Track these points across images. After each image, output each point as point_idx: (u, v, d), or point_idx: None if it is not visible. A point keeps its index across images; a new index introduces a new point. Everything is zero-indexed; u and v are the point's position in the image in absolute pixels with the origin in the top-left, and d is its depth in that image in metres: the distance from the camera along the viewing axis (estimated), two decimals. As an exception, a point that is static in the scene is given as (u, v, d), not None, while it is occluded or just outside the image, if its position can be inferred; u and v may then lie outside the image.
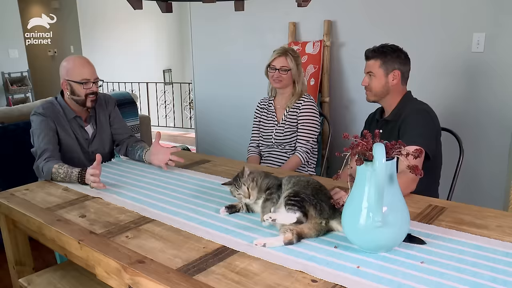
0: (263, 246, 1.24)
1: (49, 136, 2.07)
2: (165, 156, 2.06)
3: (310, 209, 1.31)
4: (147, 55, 9.08)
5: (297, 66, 2.49)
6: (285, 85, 2.51)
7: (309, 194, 1.34)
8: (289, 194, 1.35)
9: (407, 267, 1.11)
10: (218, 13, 3.97)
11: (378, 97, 2.04)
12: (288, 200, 1.32)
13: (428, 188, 1.91)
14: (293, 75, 2.48)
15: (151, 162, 2.14)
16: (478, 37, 2.65)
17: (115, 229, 1.42)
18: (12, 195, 1.81)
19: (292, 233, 1.26)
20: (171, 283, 1.08)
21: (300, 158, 2.45)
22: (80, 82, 2.10)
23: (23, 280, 1.73)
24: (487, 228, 1.34)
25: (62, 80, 2.14)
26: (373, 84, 2.00)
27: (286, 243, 1.24)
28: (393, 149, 1.17)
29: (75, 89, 2.12)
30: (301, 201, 1.31)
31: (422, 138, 1.82)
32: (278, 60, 2.47)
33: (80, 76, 2.10)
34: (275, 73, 2.48)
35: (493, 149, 2.72)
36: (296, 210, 1.29)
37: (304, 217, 1.30)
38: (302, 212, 1.30)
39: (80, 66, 2.13)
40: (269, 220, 1.30)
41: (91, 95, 2.14)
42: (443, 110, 2.63)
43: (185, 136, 7.43)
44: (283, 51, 2.49)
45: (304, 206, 1.31)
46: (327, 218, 1.32)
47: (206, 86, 4.31)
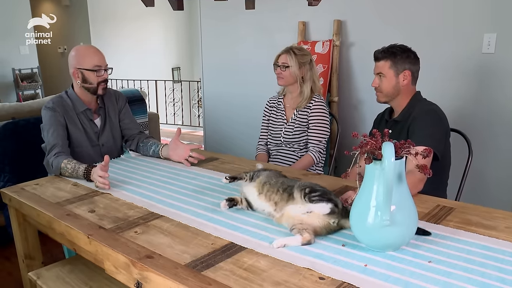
0: (283, 247, 1.23)
1: (59, 131, 2.08)
2: (185, 152, 2.08)
3: (338, 201, 1.32)
4: (156, 53, 9.10)
5: (301, 64, 2.46)
6: (287, 82, 2.51)
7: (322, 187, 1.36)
8: (303, 189, 1.35)
9: (415, 266, 1.11)
10: (227, 12, 3.98)
11: (389, 98, 2.03)
12: (312, 197, 1.32)
13: (436, 188, 1.91)
14: (293, 73, 2.47)
15: (170, 157, 2.15)
16: (489, 38, 2.63)
17: (124, 225, 1.43)
18: (22, 189, 1.83)
19: (310, 233, 1.25)
20: (179, 279, 1.08)
21: (313, 157, 2.45)
22: (92, 70, 2.11)
23: (32, 274, 1.75)
24: (495, 229, 1.33)
25: (72, 69, 2.14)
26: (384, 85, 1.99)
27: (304, 244, 1.24)
28: (402, 148, 1.17)
29: (87, 77, 2.13)
30: (324, 194, 1.32)
31: (430, 138, 1.82)
32: (281, 57, 2.50)
33: (92, 63, 2.11)
34: (277, 69, 2.51)
35: (502, 152, 2.70)
36: (327, 202, 1.30)
37: (335, 207, 1.30)
38: (333, 203, 1.30)
39: (91, 53, 2.14)
40: (308, 213, 1.30)
41: (102, 82, 2.16)
42: (452, 111, 2.62)
43: (193, 134, 7.45)
44: (287, 49, 2.50)
45: (331, 198, 1.31)
46: (341, 215, 1.32)
47: (214, 85, 4.31)
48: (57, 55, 8.60)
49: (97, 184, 1.79)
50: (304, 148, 2.53)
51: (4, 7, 6.81)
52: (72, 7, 8.17)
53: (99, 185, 1.79)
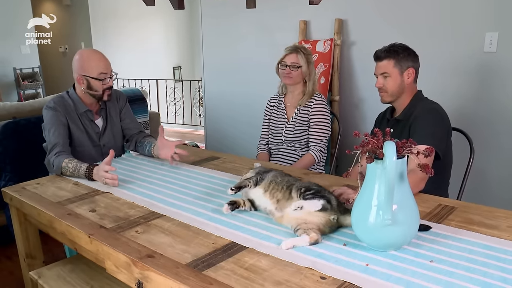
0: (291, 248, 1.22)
1: (60, 130, 2.07)
2: (171, 149, 2.08)
3: (331, 198, 1.33)
4: (157, 52, 9.09)
5: (308, 64, 2.48)
6: (295, 82, 2.51)
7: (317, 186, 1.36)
8: (299, 189, 1.35)
9: (417, 265, 1.11)
10: (228, 11, 3.97)
11: (394, 97, 2.00)
12: (306, 194, 1.33)
13: (438, 187, 1.90)
14: (304, 72, 2.48)
15: (159, 156, 2.15)
16: (490, 37, 2.62)
17: (125, 224, 1.43)
18: (23, 188, 1.83)
19: (316, 233, 1.25)
20: (180, 278, 1.08)
21: (314, 156, 2.45)
22: (98, 79, 2.10)
23: (33, 273, 1.75)
24: (497, 229, 1.33)
25: (77, 75, 2.12)
26: (389, 84, 1.97)
27: (312, 243, 1.23)
28: (403, 148, 1.17)
29: (93, 85, 2.11)
30: (318, 192, 1.34)
31: (432, 137, 1.81)
32: (289, 57, 2.48)
33: (97, 71, 2.09)
34: (285, 69, 2.48)
35: (504, 151, 2.70)
36: (319, 198, 1.31)
37: (328, 204, 1.31)
38: (326, 200, 1.31)
39: (96, 60, 2.11)
40: (299, 209, 1.31)
41: (108, 89, 2.15)
42: (454, 110, 2.61)
43: (194, 133, 7.45)
44: (294, 48, 2.49)
45: (324, 196, 1.33)
46: (339, 211, 1.32)
47: (215, 84, 4.31)
48: (58, 55, 8.60)
49: (106, 181, 1.78)
50: (305, 147, 2.53)
51: (5, 6, 6.81)
52: (73, 6, 8.16)
53: (107, 181, 1.78)
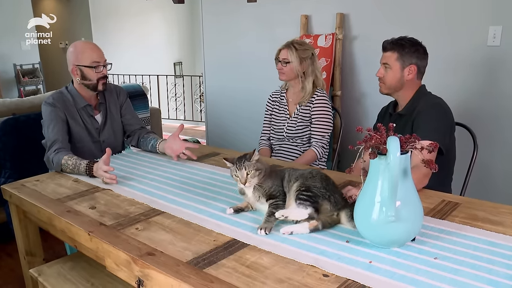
0: (290, 234, 1.25)
1: (59, 127, 2.06)
2: (180, 147, 2.06)
3: (324, 203, 1.30)
4: (158, 48, 9.09)
5: (301, 60, 2.43)
6: (288, 77, 2.49)
7: (320, 187, 1.33)
8: (300, 188, 1.33)
9: (420, 262, 1.09)
10: (229, 5, 3.95)
11: (391, 90, 2.00)
12: (300, 195, 1.31)
13: (441, 183, 1.88)
14: (295, 68, 2.45)
15: (165, 150, 2.12)
16: (494, 30, 2.60)
17: (125, 221, 1.41)
18: (23, 185, 1.81)
19: (317, 219, 1.25)
20: (181, 276, 1.07)
21: (316, 152, 2.43)
22: (90, 66, 2.09)
23: (33, 271, 1.74)
24: (502, 225, 1.31)
25: (71, 66, 2.12)
26: (388, 76, 1.96)
27: (312, 230, 1.23)
28: (407, 143, 1.15)
29: (86, 74, 2.11)
30: (313, 197, 1.30)
31: (436, 132, 1.79)
32: (281, 52, 2.48)
33: (90, 59, 2.09)
34: (278, 65, 2.49)
35: (509, 145, 2.67)
36: (308, 206, 1.28)
37: (315, 213, 1.29)
38: (314, 208, 1.29)
39: (89, 49, 2.11)
40: (282, 218, 1.29)
41: (102, 78, 2.14)
42: (457, 104, 2.58)
43: (195, 129, 7.44)
44: (287, 44, 2.47)
45: (316, 202, 1.30)
46: (340, 208, 1.31)
47: (216, 79, 4.29)
48: (58, 51, 8.59)
49: (105, 180, 1.78)
50: (307, 143, 2.51)
51: (6, 2, 6.80)
52: (74, 2, 8.15)
53: (106, 180, 1.77)
